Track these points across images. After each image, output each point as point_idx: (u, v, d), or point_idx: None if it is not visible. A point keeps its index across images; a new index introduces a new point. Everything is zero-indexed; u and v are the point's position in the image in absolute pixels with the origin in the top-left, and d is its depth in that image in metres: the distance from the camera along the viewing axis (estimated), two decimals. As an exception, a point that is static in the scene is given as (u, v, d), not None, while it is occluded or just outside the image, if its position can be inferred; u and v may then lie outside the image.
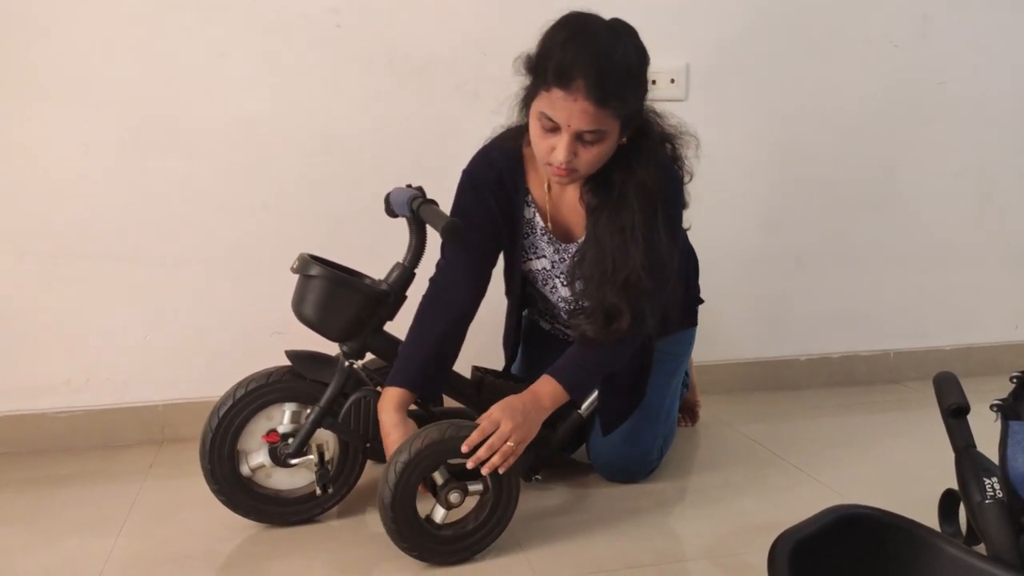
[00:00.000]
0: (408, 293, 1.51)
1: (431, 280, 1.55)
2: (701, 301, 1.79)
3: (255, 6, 1.84)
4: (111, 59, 1.79)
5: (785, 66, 2.16)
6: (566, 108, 1.27)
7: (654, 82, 2.06)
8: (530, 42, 1.84)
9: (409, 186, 1.50)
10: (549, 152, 1.33)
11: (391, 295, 1.47)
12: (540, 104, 1.31)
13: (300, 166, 1.92)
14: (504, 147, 1.52)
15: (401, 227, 1.59)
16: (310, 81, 1.89)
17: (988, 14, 2.27)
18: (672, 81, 2.08)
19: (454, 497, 1.35)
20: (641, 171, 1.38)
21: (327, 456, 1.48)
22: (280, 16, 1.85)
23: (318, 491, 1.45)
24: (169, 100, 1.83)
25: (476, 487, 1.36)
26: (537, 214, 1.53)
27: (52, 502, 1.60)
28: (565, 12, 1.34)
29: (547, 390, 1.44)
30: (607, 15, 1.38)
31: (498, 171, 1.51)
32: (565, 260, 1.53)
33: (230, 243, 1.91)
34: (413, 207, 1.42)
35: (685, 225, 1.60)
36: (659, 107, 1.49)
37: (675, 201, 1.47)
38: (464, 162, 1.73)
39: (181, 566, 1.35)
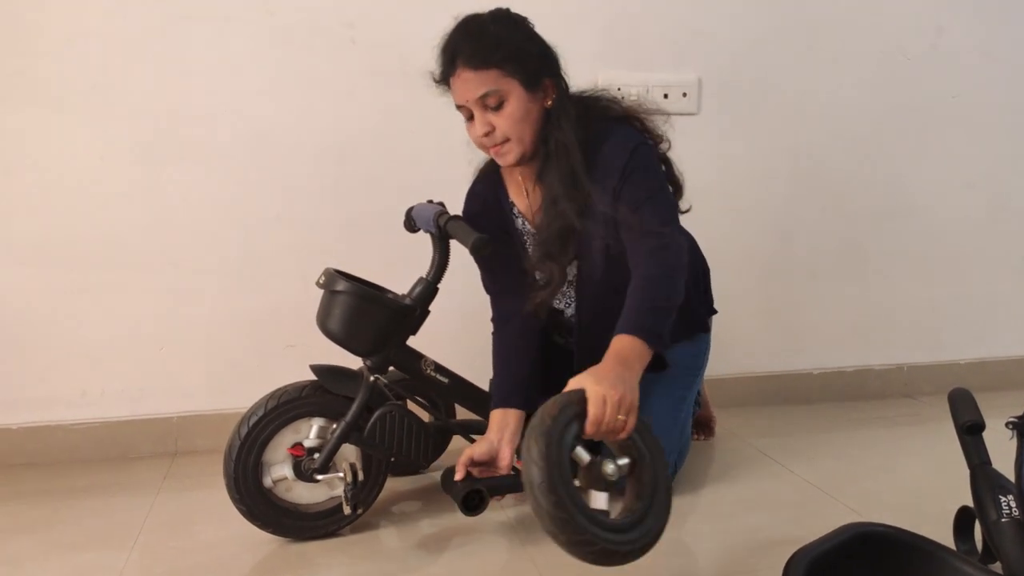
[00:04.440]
0: (431, 308, 1.51)
1: (492, 320, 1.65)
2: (714, 311, 1.78)
3: (271, 20, 1.86)
4: (127, 71, 1.81)
5: (797, 79, 2.17)
6: (458, 88, 1.40)
7: (666, 96, 2.07)
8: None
9: (431, 201, 1.51)
10: (478, 138, 1.43)
11: (416, 310, 1.48)
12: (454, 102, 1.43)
13: (314, 178, 1.93)
14: (484, 173, 1.62)
15: (414, 239, 1.60)
16: (324, 94, 1.91)
17: (1001, 26, 2.27)
18: (684, 95, 2.09)
19: (610, 469, 1.14)
20: (556, 129, 1.43)
21: (360, 476, 1.46)
22: (295, 29, 1.87)
23: (347, 510, 1.44)
24: (184, 112, 1.85)
25: (623, 460, 1.17)
26: (526, 222, 1.59)
27: (66, 513, 1.61)
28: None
29: (624, 345, 1.27)
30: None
31: (483, 197, 1.61)
32: None
33: (243, 255, 1.92)
34: (440, 223, 1.43)
35: (684, 206, 1.55)
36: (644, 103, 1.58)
37: (604, 140, 1.45)
38: (475, 173, 1.75)
39: (194, 579, 1.36)
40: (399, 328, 1.48)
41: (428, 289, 1.49)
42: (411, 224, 1.56)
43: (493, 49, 1.36)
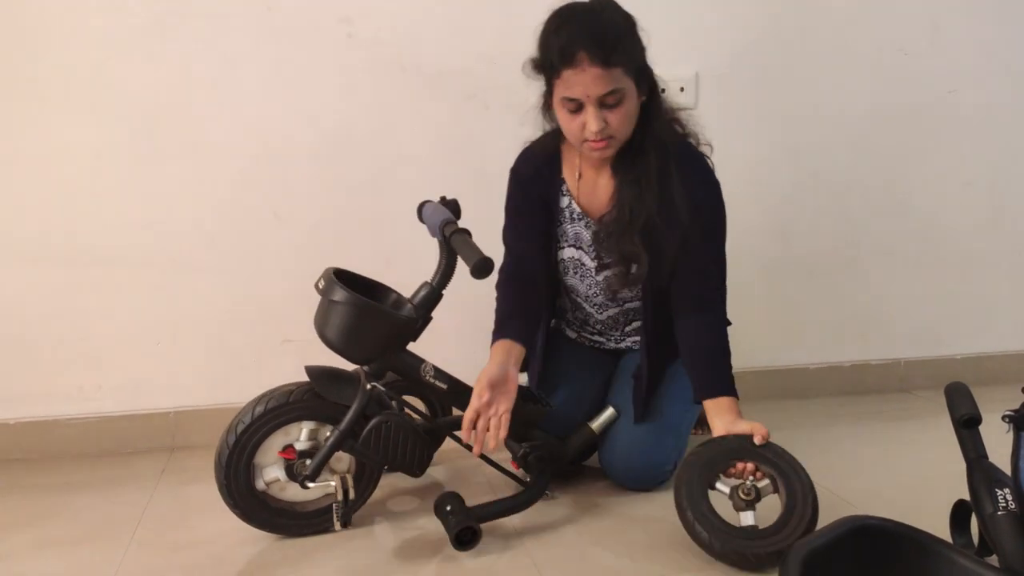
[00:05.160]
0: (433, 315, 1.48)
1: (500, 269, 1.66)
2: (728, 323, 1.79)
3: (268, 16, 1.85)
4: (125, 68, 1.81)
5: (795, 74, 2.16)
6: (580, 82, 1.37)
7: (663, 90, 2.06)
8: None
9: (443, 199, 1.49)
10: (581, 130, 1.43)
11: (418, 321, 1.43)
12: (559, 92, 1.42)
13: (311, 175, 1.93)
14: (544, 142, 1.63)
15: (413, 235, 1.60)
16: (322, 91, 1.90)
17: (998, 23, 2.27)
18: (682, 89, 2.08)
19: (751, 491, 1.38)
20: (656, 124, 1.48)
21: (351, 495, 1.43)
22: (292, 26, 1.87)
23: (338, 526, 1.42)
24: (181, 109, 1.85)
25: (764, 482, 1.41)
26: (572, 201, 1.61)
27: (64, 508, 1.61)
28: None
29: (732, 403, 1.52)
30: None
31: (536, 164, 1.63)
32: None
33: (241, 250, 1.92)
34: (445, 233, 1.38)
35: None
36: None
37: (689, 163, 1.52)
38: (472, 170, 1.76)
39: (192, 574, 1.36)
40: (400, 338, 1.44)
41: (433, 295, 1.44)
42: (422, 218, 1.54)
43: (618, 48, 1.37)
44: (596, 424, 1.64)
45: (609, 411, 1.64)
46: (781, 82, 2.16)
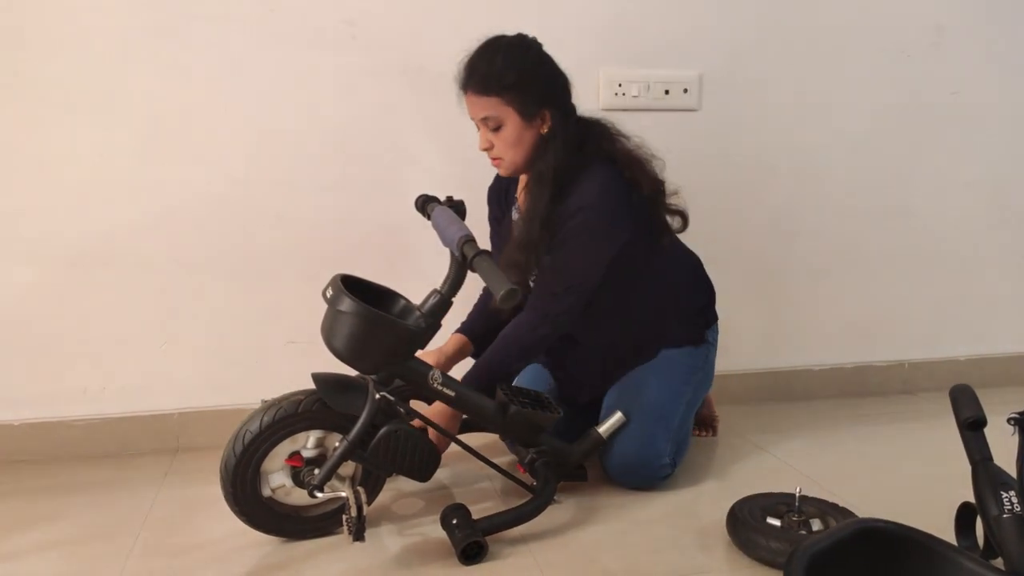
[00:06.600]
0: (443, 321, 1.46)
1: None
2: (715, 321, 1.79)
3: (271, 18, 1.85)
4: (129, 70, 1.81)
5: (798, 76, 2.17)
6: (468, 105, 1.58)
7: (667, 92, 2.07)
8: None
9: (449, 199, 1.51)
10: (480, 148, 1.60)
11: (427, 330, 1.41)
12: None
13: (313, 176, 1.93)
14: None
15: (416, 235, 1.60)
16: (325, 91, 1.91)
17: (1001, 24, 2.27)
18: (685, 91, 2.08)
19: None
20: (541, 156, 1.57)
21: (365, 510, 1.39)
22: (296, 27, 1.87)
23: (350, 541, 1.38)
24: (185, 110, 1.85)
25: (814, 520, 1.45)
26: (519, 216, 1.67)
27: (68, 510, 1.62)
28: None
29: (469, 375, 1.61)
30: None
31: (498, 184, 1.80)
32: None
33: (244, 252, 1.92)
34: (466, 253, 1.35)
35: (675, 225, 1.67)
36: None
37: (578, 184, 1.55)
38: (476, 170, 1.76)
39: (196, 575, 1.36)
40: (408, 347, 1.42)
41: (442, 303, 1.41)
42: (423, 210, 1.54)
43: (497, 79, 1.52)
44: (604, 428, 1.63)
45: (617, 415, 1.63)
46: (784, 84, 2.16)
